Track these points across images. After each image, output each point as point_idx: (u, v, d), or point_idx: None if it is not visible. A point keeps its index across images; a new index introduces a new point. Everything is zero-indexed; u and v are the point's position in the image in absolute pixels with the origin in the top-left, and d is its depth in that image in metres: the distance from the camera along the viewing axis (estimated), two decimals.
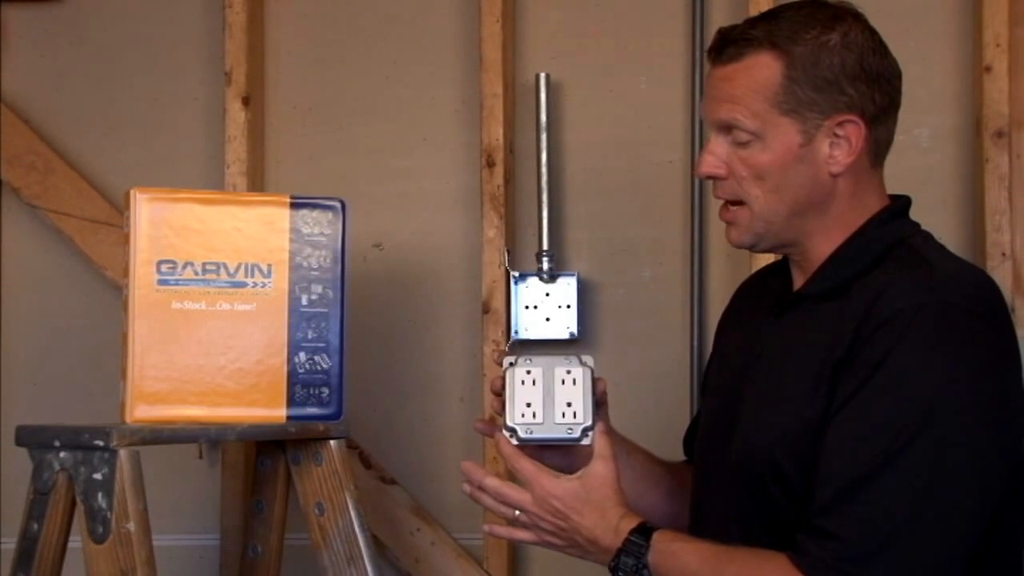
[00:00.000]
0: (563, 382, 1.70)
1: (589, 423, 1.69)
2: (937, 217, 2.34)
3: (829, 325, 1.62)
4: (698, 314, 2.44)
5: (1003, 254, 2.33)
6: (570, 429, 1.69)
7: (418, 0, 2.57)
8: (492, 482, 1.71)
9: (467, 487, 1.74)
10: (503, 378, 1.73)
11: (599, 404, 1.75)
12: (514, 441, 1.70)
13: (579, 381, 1.70)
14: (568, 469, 1.72)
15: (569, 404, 1.70)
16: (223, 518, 2.48)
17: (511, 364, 1.72)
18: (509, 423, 1.70)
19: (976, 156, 2.38)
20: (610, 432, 1.74)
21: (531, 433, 1.69)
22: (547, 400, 1.70)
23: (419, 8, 2.57)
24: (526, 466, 1.69)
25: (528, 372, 1.71)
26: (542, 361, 1.72)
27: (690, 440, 1.94)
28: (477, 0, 2.48)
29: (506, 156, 2.46)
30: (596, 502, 1.67)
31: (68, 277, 2.60)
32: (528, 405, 1.70)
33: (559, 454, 1.76)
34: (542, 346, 2.46)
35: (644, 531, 1.64)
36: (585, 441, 1.69)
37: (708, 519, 1.74)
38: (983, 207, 2.35)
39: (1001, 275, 2.31)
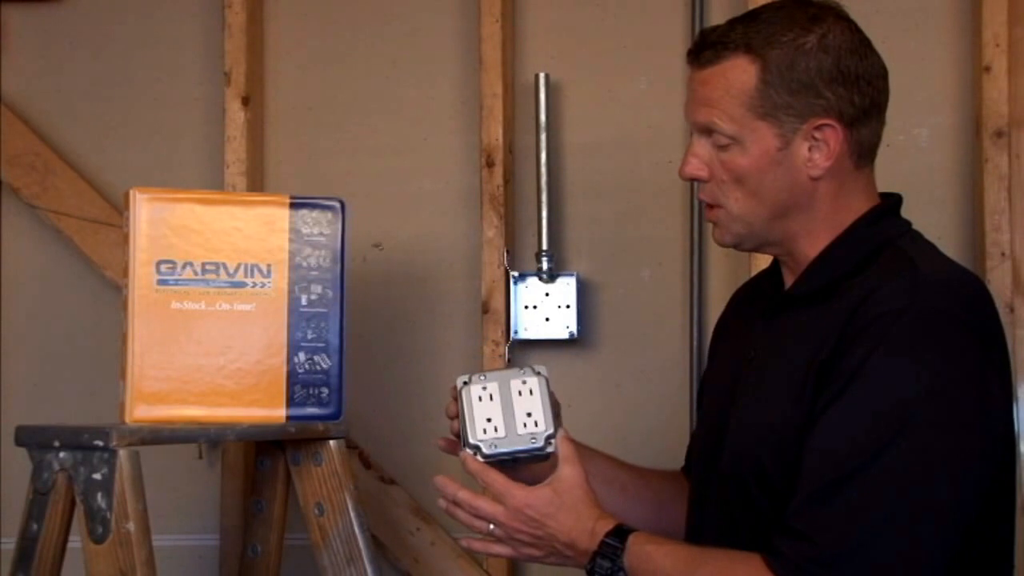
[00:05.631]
0: (520, 393, 1.70)
1: (551, 430, 1.68)
2: (936, 217, 2.35)
3: (815, 327, 1.61)
4: (697, 314, 2.44)
5: (1002, 254, 2.33)
6: (533, 438, 1.68)
7: (418, 0, 2.57)
8: (465, 495, 1.69)
9: (442, 502, 1.73)
10: (459, 399, 1.71)
11: (556, 415, 1.74)
12: (479, 458, 1.68)
13: (536, 391, 1.70)
14: (533, 482, 1.69)
15: (529, 414, 1.69)
16: (223, 518, 2.48)
17: (465, 383, 1.71)
18: (472, 440, 1.69)
19: (975, 156, 2.38)
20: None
21: (495, 448, 1.68)
22: (507, 413, 1.69)
23: (419, 8, 2.57)
24: (496, 479, 1.67)
25: (484, 388, 1.71)
26: (496, 376, 1.72)
27: (691, 457, 1.91)
28: (477, 0, 2.48)
29: (506, 156, 2.46)
30: (570, 505, 1.65)
31: (68, 277, 2.60)
32: (488, 420, 1.69)
33: (524, 472, 1.73)
34: (543, 346, 2.46)
35: (619, 533, 1.63)
36: (550, 448, 1.68)
37: (705, 527, 1.73)
38: (982, 207, 2.34)
39: (1000, 275, 2.31)
